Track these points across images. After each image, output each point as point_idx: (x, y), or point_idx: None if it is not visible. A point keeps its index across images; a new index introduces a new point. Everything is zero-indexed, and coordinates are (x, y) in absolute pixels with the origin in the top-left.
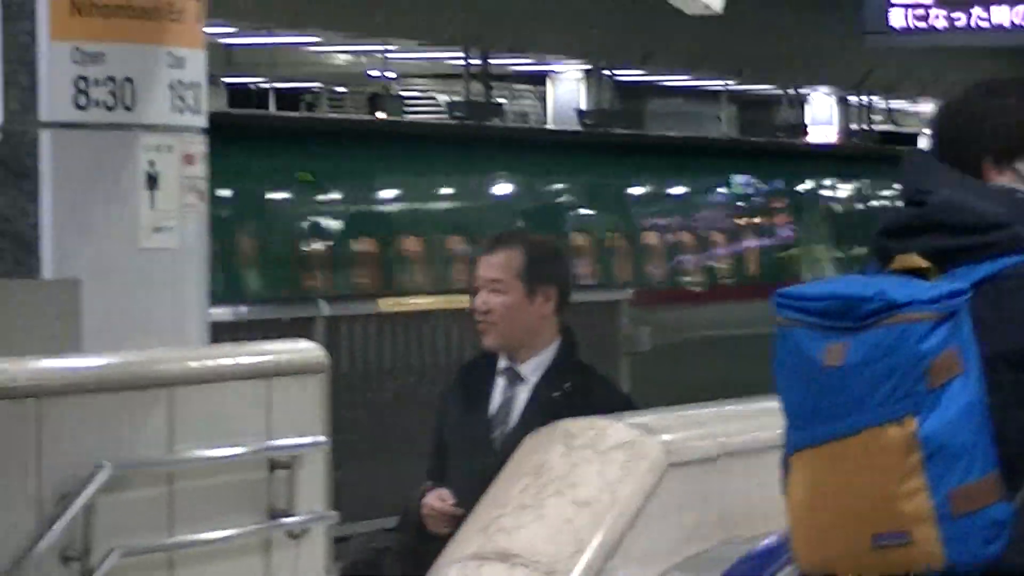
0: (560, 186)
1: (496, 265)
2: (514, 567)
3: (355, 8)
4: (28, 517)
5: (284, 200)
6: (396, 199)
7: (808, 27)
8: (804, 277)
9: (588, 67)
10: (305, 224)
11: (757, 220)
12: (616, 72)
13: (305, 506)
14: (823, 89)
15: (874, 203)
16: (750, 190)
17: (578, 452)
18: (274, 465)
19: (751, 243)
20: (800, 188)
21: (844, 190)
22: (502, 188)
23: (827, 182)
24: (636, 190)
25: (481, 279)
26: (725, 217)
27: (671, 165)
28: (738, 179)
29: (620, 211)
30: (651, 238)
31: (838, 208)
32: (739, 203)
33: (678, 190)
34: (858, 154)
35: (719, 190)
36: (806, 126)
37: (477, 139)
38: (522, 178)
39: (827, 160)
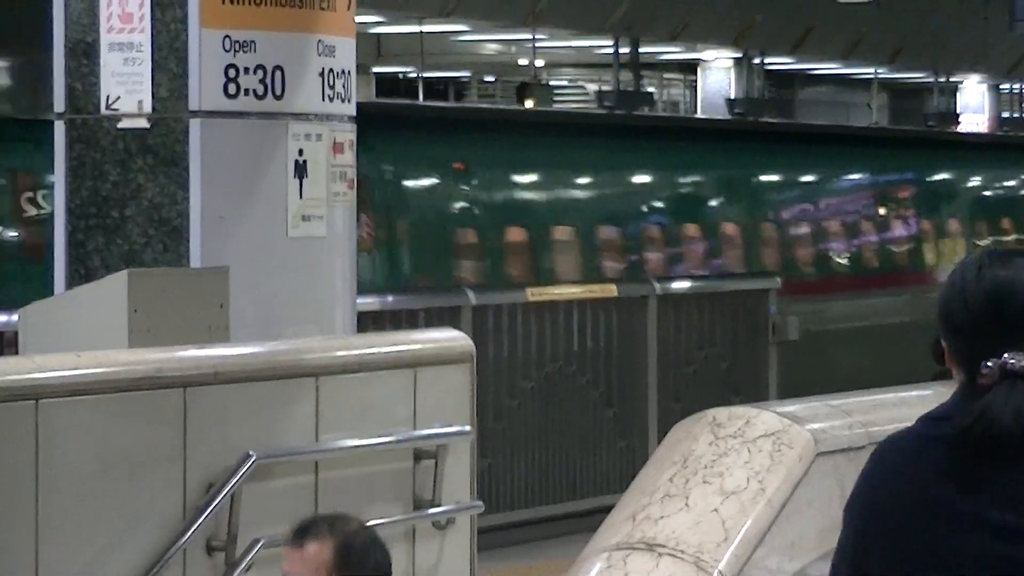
0: (709, 175)
1: (301, 560)
2: (660, 556)
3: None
4: (175, 505)
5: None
6: (545, 189)
7: (961, 15)
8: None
9: (738, 55)
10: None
11: (904, 210)
12: (766, 61)
13: (450, 496)
14: (975, 77)
15: None
16: (898, 179)
17: (725, 441)
18: (420, 455)
19: (898, 233)
20: (950, 177)
21: (997, 179)
22: (651, 177)
23: (979, 171)
24: (785, 179)
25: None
26: (873, 206)
27: (821, 154)
28: (887, 168)
29: (768, 200)
30: (799, 227)
31: (991, 198)
32: (887, 192)
33: (827, 179)
34: (1011, 143)
35: (868, 179)
36: (958, 114)
37: (626, 128)
38: (671, 167)
39: (979, 149)
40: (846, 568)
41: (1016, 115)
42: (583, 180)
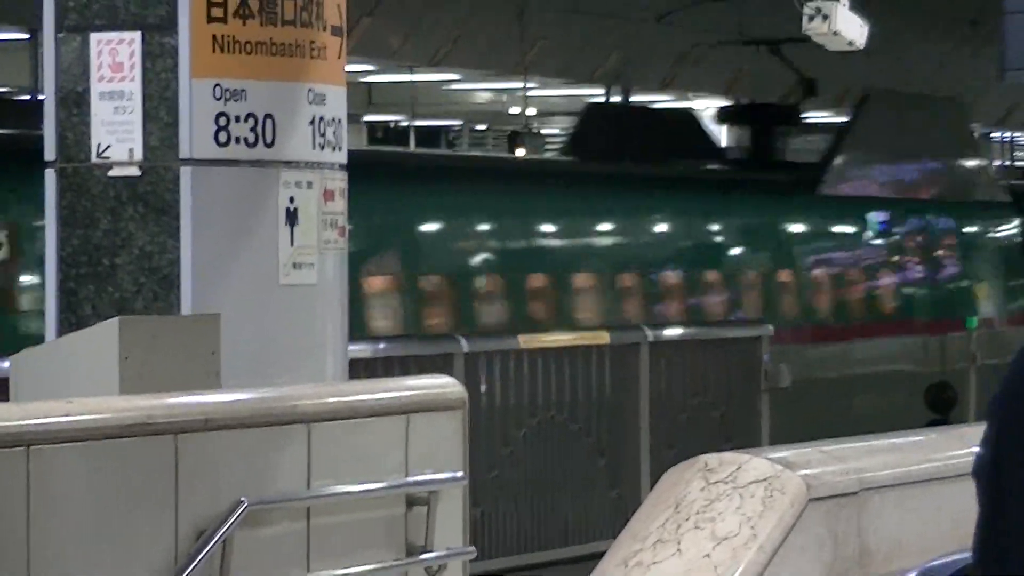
0: (704, 224)
1: None
2: None
3: (496, 46)
4: (166, 552)
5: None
6: (540, 236)
7: (951, 64)
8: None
9: (730, 104)
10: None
11: (897, 257)
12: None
13: (443, 542)
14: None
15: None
16: (888, 227)
17: (717, 487)
18: (412, 501)
19: (891, 280)
20: (937, 224)
21: (990, 227)
22: (646, 226)
23: (966, 219)
24: (776, 227)
25: None
26: (868, 253)
27: (813, 203)
28: (876, 217)
29: (763, 248)
30: (792, 275)
31: (978, 243)
32: (878, 239)
33: (821, 227)
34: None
35: (863, 227)
36: None
37: (618, 177)
38: (665, 216)
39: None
40: (987, 451)
41: (1007, 163)
42: (581, 228)
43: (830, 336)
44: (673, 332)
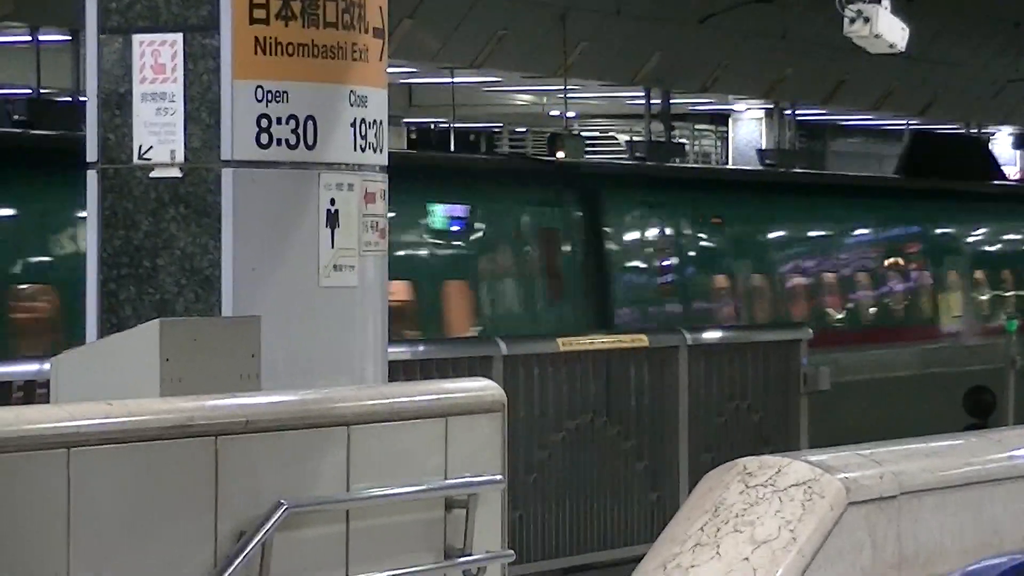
0: (742, 226)
1: None
2: None
3: (537, 49)
4: (206, 555)
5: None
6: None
7: (992, 67)
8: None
9: (769, 107)
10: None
11: (933, 261)
12: (797, 112)
13: (481, 545)
14: (1006, 129)
15: None
16: (925, 231)
17: (756, 490)
18: (451, 504)
19: (927, 284)
20: (979, 229)
21: None
22: (683, 228)
23: (1010, 223)
24: (815, 230)
25: None
26: (902, 257)
27: (852, 205)
28: (914, 219)
29: (800, 251)
30: (831, 278)
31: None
32: (915, 244)
33: (857, 230)
34: None
35: (897, 231)
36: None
37: (656, 178)
38: (703, 217)
39: (1011, 200)
40: None
41: None
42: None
43: (871, 339)
44: (712, 335)
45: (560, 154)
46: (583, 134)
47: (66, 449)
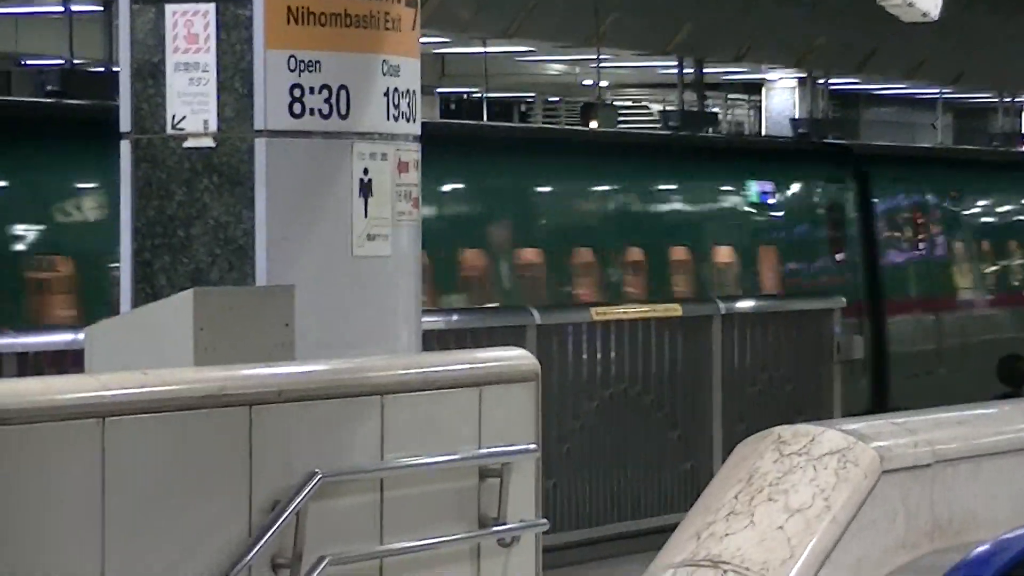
0: (775, 196)
1: None
2: (725, 574)
3: (570, 18)
4: (240, 523)
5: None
6: (613, 209)
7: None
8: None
9: (802, 76)
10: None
11: (967, 231)
12: (830, 81)
13: (515, 514)
14: None
15: None
16: (960, 199)
17: (790, 459)
18: (485, 473)
19: (961, 254)
20: (1012, 198)
21: None
22: (714, 198)
23: None
24: (845, 199)
25: None
26: (938, 227)
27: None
28: (951, 188)
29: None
30: (864, 247)
31: None
32: (951, 213)
33: (891, 199)
34: None
35: (931, 199)
36: (1023, 135)
37: (690, 149)
38: (733, 187)
39: None
40: None
41: None
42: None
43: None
44: (745, 305)
45: (593, 124)
46: (615, 103)
47: (100, 419)
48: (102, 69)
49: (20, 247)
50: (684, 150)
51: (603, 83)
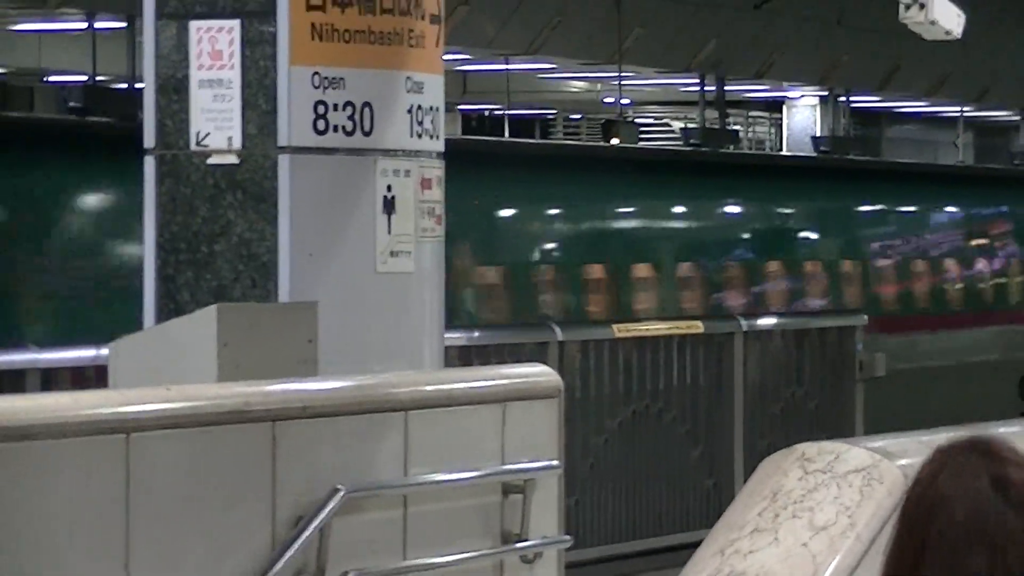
0: (794, 212)
1: None
2: None
3: (593, 35)
4: (263, 539)
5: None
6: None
7: None
8: None
9: (824, 93)
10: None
11: (989, 246)
12: (852, 99)
13: (538, 530)
14: None
15: None
16: (982, 217)
17: (815, 476)
18: (508, 489)
19: (984, 270)
20: None
21: None
22: (738, 215)
23: None
24: (870, 216)
25: None
26: (959, 244)
27: (906, 191)
28: (971, 206)
29: (855, 237)
30: (886, 264)
31: None
32: (973, 230)
33: (913, 216)
34: None
35: (952, 217)
36: None
37: (712, 165)
38: (756, 204)
39: None
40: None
41: None
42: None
43: (927, 326)
44: (767, 322)
45: (615, 141)
46: (637, 121)
47: (125, 435)
48: (125, 85)
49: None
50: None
51: (625, 100)
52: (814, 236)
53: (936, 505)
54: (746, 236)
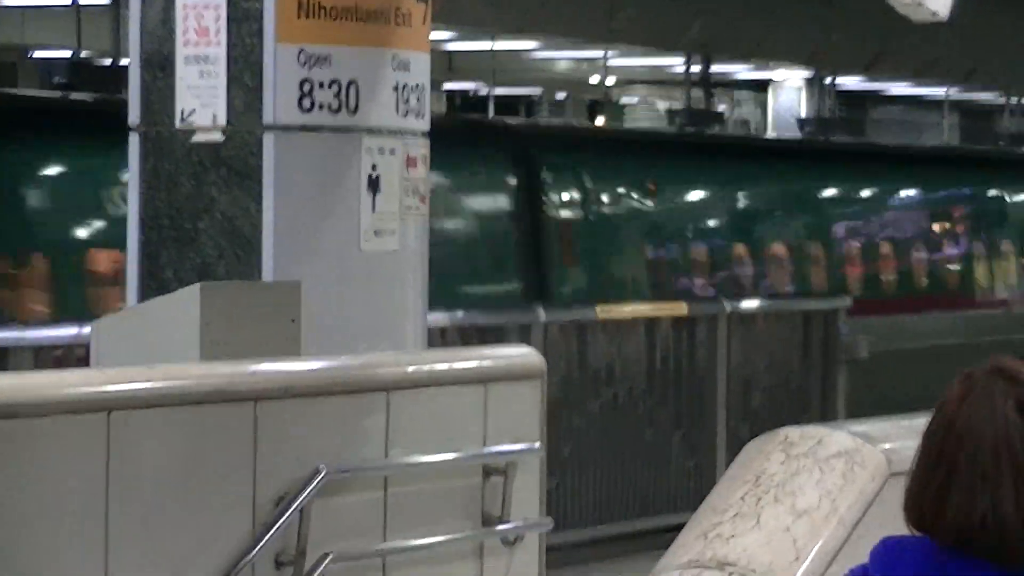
0: (777, 194)
1: None
2: (731, 575)
3: (580, 14)
4: (244, 519)
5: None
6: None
7: None
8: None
9: (809, 75)
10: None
11: (973, 230)
12: (838, 81)
13: (519, 513)
14: None
15: None
16: (967, 200)
17: (797, 460)
18: (489, 471)
19: (967, 252)
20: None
21: None
22: (723, 196)
23: None
24: (854, 198)
25: None
26: (942, 226)
27: (892, 174)
28: (957, 188)
29: (839, 219)
30: (870, 247)
31: None
32: (956, 212)
33: (898, 198)
34: None
35: (937, 199)
36: None
37: (696, 146)
38: (739, 186)
39: None
40: None
41: None
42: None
43: (910, 308)
44: (751, 304)
45: (600, 120)
46: (623, 101)
47: (106, 413)
48: (110, 62)
49: None
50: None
51: (610, 80)
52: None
53: (964, 431)
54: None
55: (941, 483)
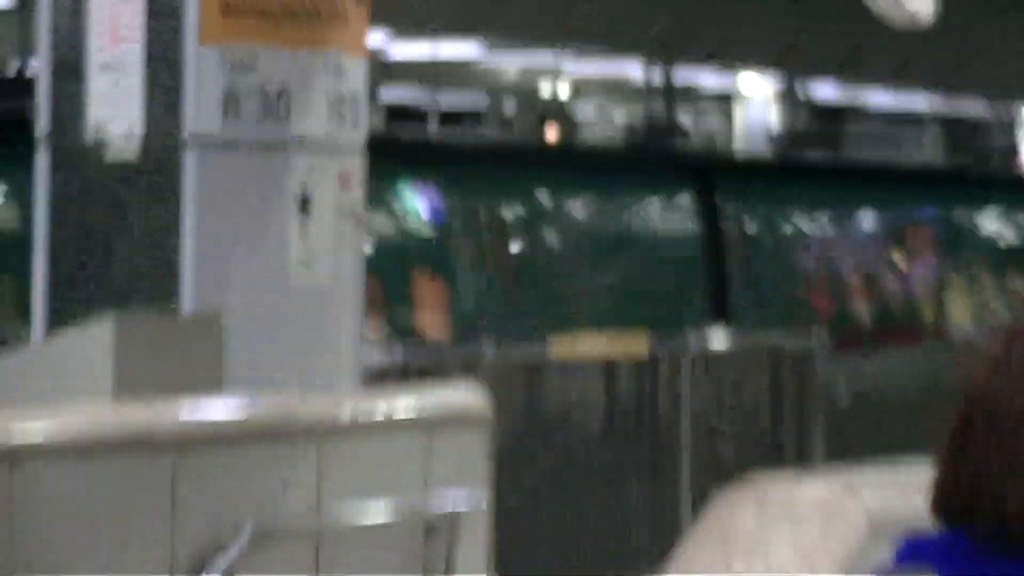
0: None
1: None
2: None
3: (531, 15)
4: None
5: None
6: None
7: (1019, 40)
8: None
9: (781, 85)
10: None
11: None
12: (812, 93)
13: (465, 569)
14: None
15: None
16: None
17: (770, 513)
18: (431, 524)
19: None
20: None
21: None
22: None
23: None
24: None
25: None
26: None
27: (870, 191)
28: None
29: None
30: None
31: None
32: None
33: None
34: None
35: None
36: (1018, 150)
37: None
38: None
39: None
40: None
41: None
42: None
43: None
44: (718, 342)
45: (551, 133)
46: (577, 111)
47: (8, 464)
48: (15, 71)
49: None
50: None
51: (563, 91)
52: None
53: (1005, 394)
54: None
55: (983, 450)
